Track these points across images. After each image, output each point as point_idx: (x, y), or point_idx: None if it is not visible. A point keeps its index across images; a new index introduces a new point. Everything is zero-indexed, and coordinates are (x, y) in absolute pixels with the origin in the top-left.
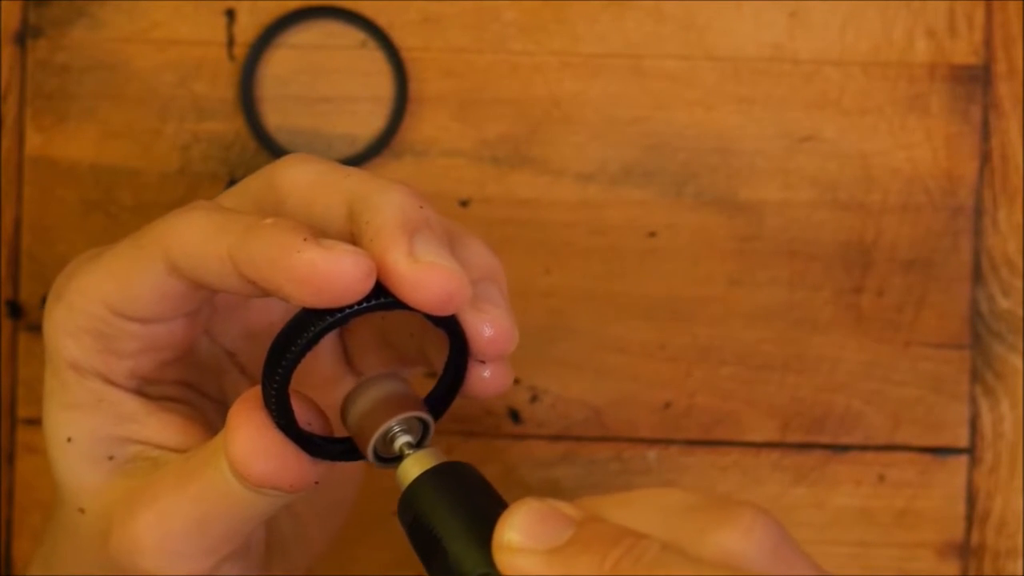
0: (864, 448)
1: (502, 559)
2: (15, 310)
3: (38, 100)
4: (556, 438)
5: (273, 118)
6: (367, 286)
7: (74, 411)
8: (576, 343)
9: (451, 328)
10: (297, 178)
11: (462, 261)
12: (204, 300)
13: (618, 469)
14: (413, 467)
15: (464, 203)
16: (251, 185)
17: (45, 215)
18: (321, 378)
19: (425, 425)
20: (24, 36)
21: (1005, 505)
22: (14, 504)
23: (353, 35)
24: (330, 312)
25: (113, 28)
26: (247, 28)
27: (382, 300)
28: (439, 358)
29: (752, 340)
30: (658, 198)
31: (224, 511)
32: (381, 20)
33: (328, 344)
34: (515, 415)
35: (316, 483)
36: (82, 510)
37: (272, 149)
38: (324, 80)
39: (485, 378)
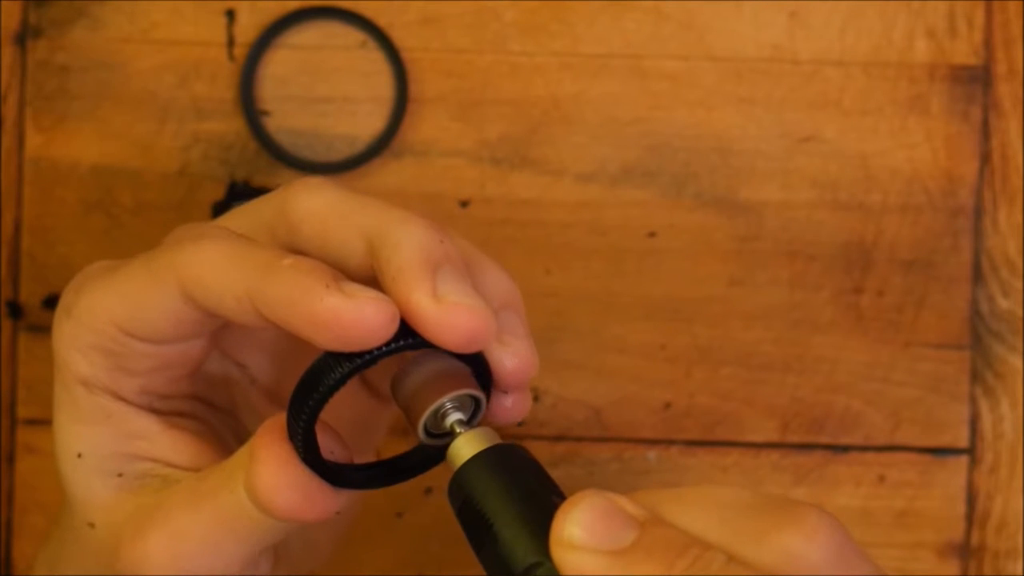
0: (864, 448)
1: (561, 554)
2: (15, 310)
3: (38, 100)
4: (557, 439)
5: (273, 118)
6: (391, 331)
7: (84, 426)
8: (576, 343)
9: (475, 361)
10: (311, 207)
11: (482, 290)
12: (218, 324)
13: (618, 470)
14: (465, 447)
15: (464, 203)
16: (263, 209)
17: (45, 215)
18: (333, 402)
19: (477, 403)
20: (24, 36)
21: (1005, 505)
22: (14, 504)
23: (353, 35)
24: (358, 355)
25: (113, 28)
26: (247, 28)
27: (408, 341)
28: None
29: (752, 340)
30: (658, 198)
31: (238, 534)
32: (381, 20)
33: None
34: None
35: (338, 512)
36: (92, 524)
37: (272, 149)
38: (324, 80)
39: (507, 406)
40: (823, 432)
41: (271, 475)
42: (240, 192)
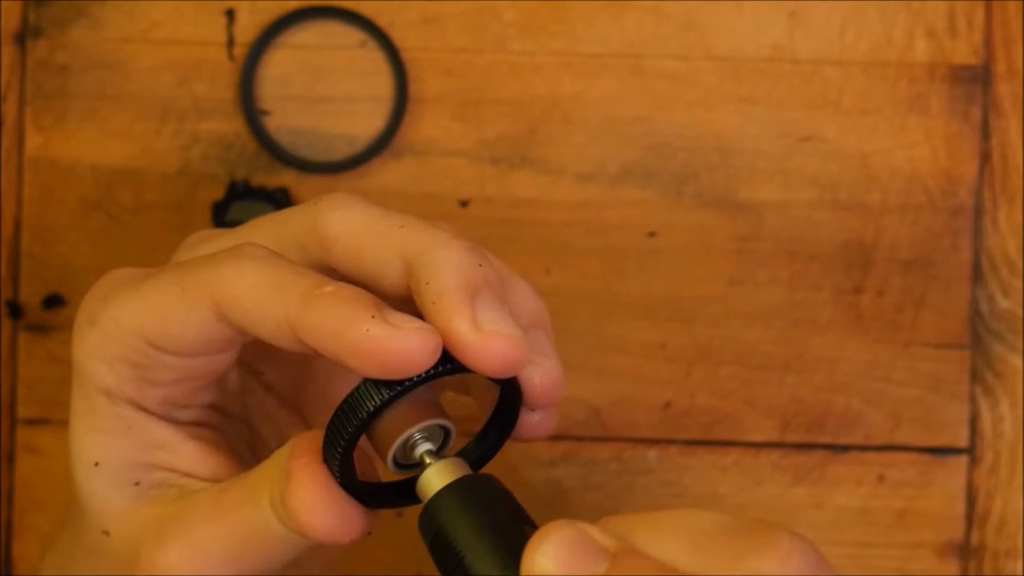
0: (864, 448)
1: None
2: (15, 310)
3: (38, 100)
4: (556, 438)
5: (273, 118)
6: (434, 359)
7: (103, 435)
8: (576, 343)
9: (506, 382)
10: (345, 225)
11: (513, 309)
12: (248, 340)
13: (618, 469)
14: (435, 478)
15: (464, 203)
16: (292, 222)
17: (45, 215)
18: None
19: (447, 432)
20: (24, 36)
21: (1005, 505)
22: (14, 504)
23: (353, 35)
24: (398, 382)
25: (113, 28)
26: (247, 28)
27: (447, 367)
28: (480, 389)
29: (752, 340)
30: (658, 198)
31: (261, 549)
32: (381, 20)
33: None
34: None
35: (369, 533)
36: (107, 532)
37: (272, 149)
38: (324, 80)
39: (534, 423)
40: (823, 432)
41: (309, 498)
42: (240, 192)
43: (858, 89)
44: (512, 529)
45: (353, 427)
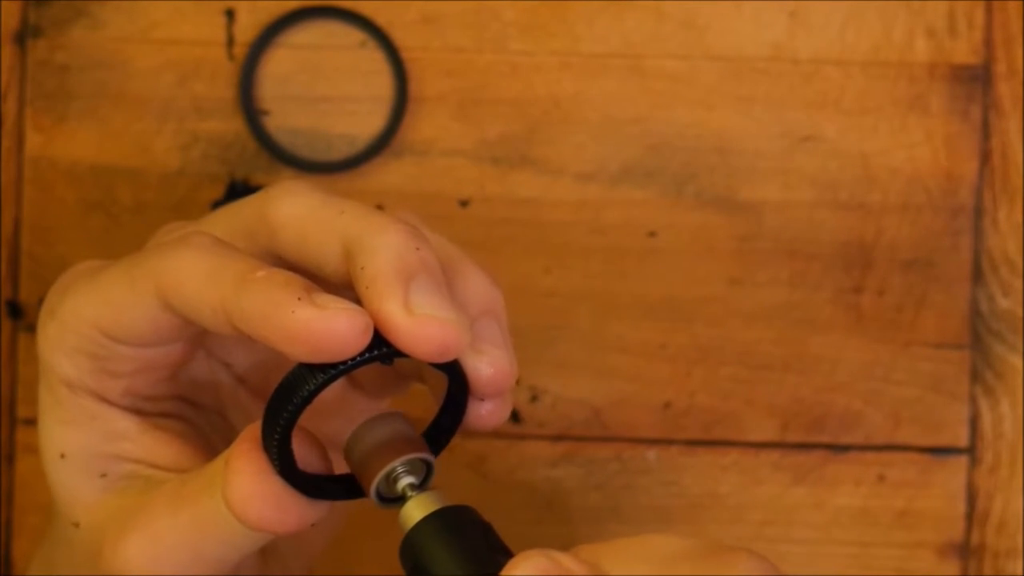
0: (864, 448)
1: None
2: (15, 310)
3: (38, 100)
4: (556, 438)
5: (273, 118)
6: (364, 342)
7: (67, 427)
8: (576, 343)
9: (450, 370)
10: (290, 211)
11: (461, 297)
12: (199, 330)
13: (618, 469)
14: (415, 510)
15: (464, 203)
16: (243, 211)
17: (45, 215)
18: (324, 402)
19: (428, 466)
20: (24, 36)
21: (1005, 505)
22: (14, 504)
23: (353, 35)
24: (331, 366)
25: (113, 28)
26: (247, 28)
27: (382, 351)
28: (435, 377)
29: (752, 340)
30: (658, 198)
31: (218, 540)
32: (381, 20)
33: None
34: (515, 415)
35: (313, 525)
36: (76, 524)
37: (272, 149)
38: (324, 80)
39: (483, 414)
40: (823, 432)
41: (244, 486)
42: (240, 192)
43: (858, 89)
44: (486, 559)
45: (288, 412)
